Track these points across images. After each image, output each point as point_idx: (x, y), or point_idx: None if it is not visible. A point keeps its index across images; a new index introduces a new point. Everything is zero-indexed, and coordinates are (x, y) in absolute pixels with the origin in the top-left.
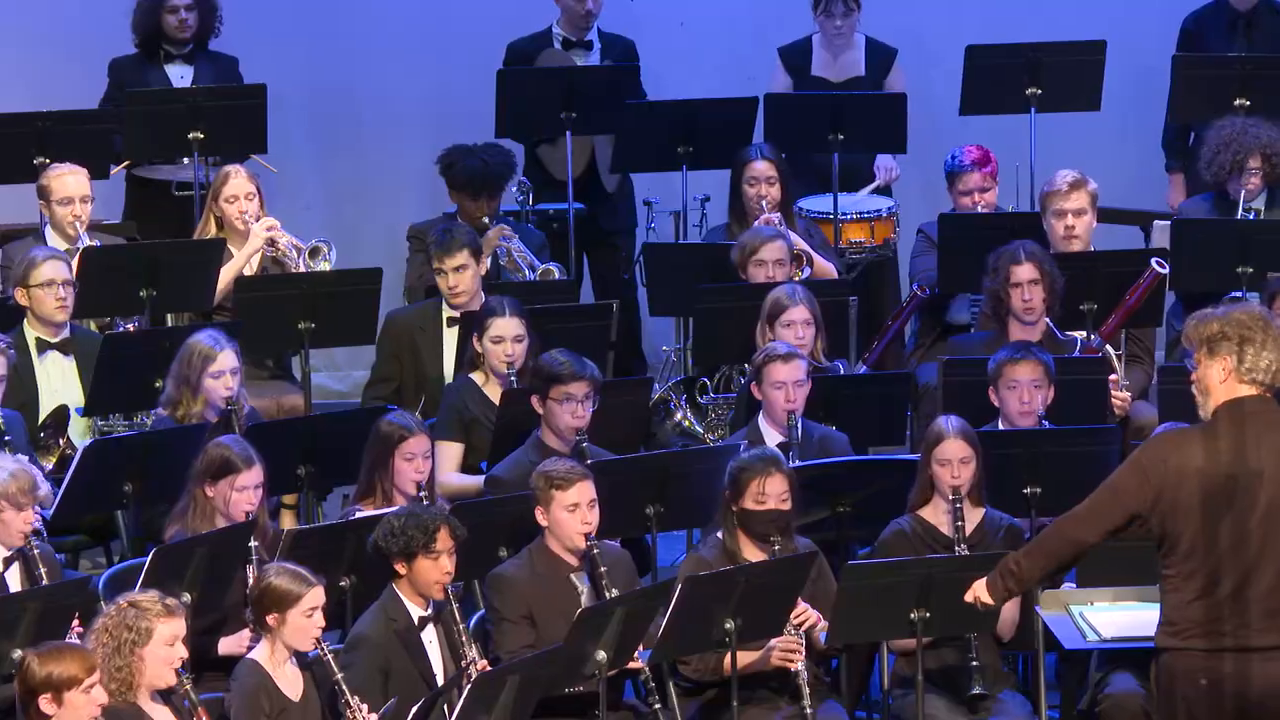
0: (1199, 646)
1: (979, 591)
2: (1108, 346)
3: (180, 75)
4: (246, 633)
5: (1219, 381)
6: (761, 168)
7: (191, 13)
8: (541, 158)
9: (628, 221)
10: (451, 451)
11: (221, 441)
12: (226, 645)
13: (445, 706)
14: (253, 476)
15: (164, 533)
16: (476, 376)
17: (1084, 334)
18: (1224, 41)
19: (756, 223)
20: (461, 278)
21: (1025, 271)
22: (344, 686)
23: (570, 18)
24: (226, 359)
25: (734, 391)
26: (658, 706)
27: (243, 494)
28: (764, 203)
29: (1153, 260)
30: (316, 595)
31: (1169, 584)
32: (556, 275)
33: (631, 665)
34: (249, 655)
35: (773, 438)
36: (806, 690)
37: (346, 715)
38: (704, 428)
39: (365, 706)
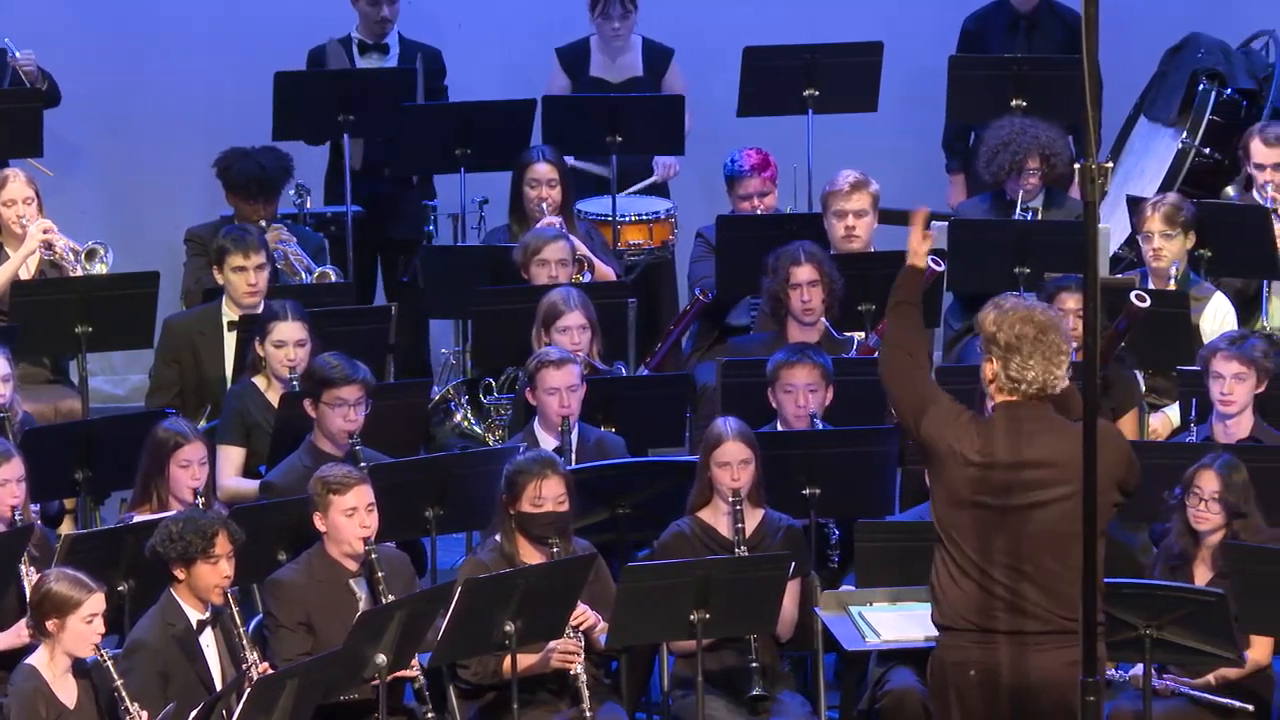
0: (974, 627)
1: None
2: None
3: None
4: (23, 623)
5: (988, 381)
6: (543, 170)
7: None
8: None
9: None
10: (233, 455)
11: None
12: (5, 640)
13: (224, 710)
14: (12, 470)
15: None
16: (259, 381)
17: (861, 334)
18: (1005, 42)
19: (538, 225)
20: (262, 275)
21: (804, 273)
22: (123, 692)
23: (366, 23)
24: None
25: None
26: (431, 716)
27: (4, 488)
28: (545, 205)
29: (930, 259)
30: (97, 601)
31: (944, 565)
32: (334, 278)
33: (409, 670)
34: (27, 661)
35: (548, 442)
36: (586, 692)
37: None
38: (485, 428)
39: (145, 713)
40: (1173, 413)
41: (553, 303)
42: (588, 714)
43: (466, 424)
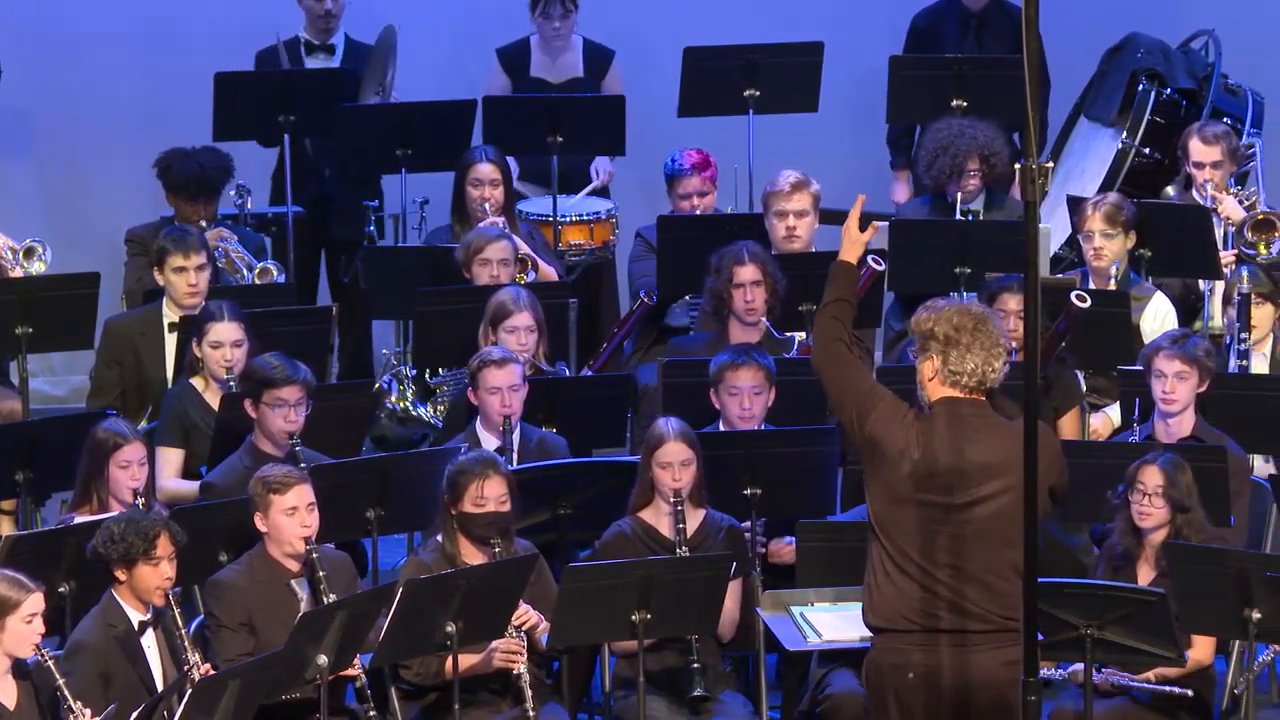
0: (916, 627)
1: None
2: None
3: None
4: None
5: (927, 379)
6: (485, 170)
7: None
8: None
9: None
10: (172, 457)
11: None
12: None
13: (166, 711)
14: None
15: None
16: (197, 382)
17: (802, 335)
18: (955, 40)
19: (480, 225)
20: (203, 276)
21: (748, 273)
22: (66, 693)
23: (311, 19)
24: None
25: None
26: (372, 716)
27: None
28: (487, 205)
29: (869, 258)
30: (36, 601)
31: (880, 565)
32: (275, 274)
33: (350, 670)
34: None
35: (490, 442)
36: (529, 692)
37: None
38: (430, 406)
39: (89, 711)
40: (1113, 412)
41: (501, 302)
42: (530, 713)
43: (403, 404)
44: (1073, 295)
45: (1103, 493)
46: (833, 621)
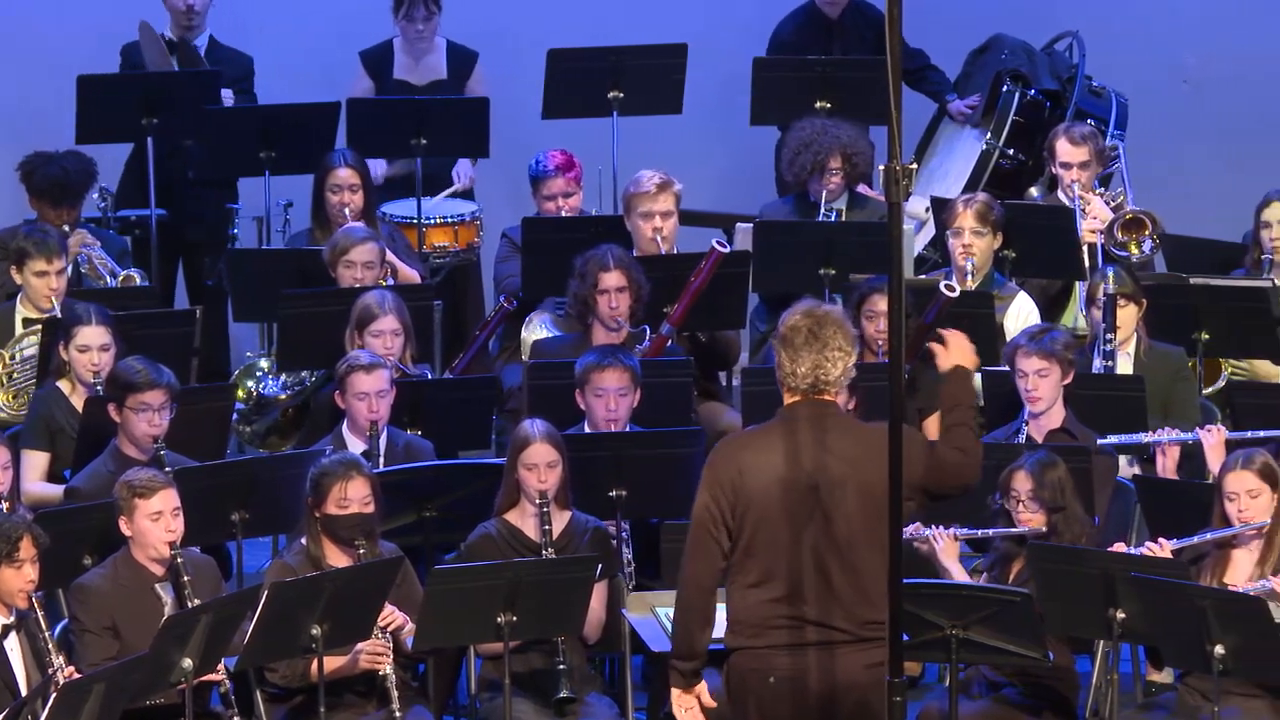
0: (781, 643)
1: None
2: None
3: None
4: None
5: (780, 382)
6: (344, 175)
7: None
8: None
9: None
10: (37, 460)
11: None
12: None
13: (30, 715)
14: None
15: None
16: (64, 385)
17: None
18: (819, 49)
19: (346, 226)
20: (63, 280)
21: (613, 279)
22: None
23: (174, 17)
24: None
25: None
26: (238, 718)
27: None
28: (346, 210)
29: (713, 240)
30: None
31: (738, 585)
32: (139, 281)
33: (215, 674)
34: None
35: (356, 446)
36: (395, 693)
37: None
38: (283, 387)
39: None
40: None
41: (367, 305)
42: (397, 715)
43: (251, 396)
44: (941, 284)
45: (979, 494)
46: None
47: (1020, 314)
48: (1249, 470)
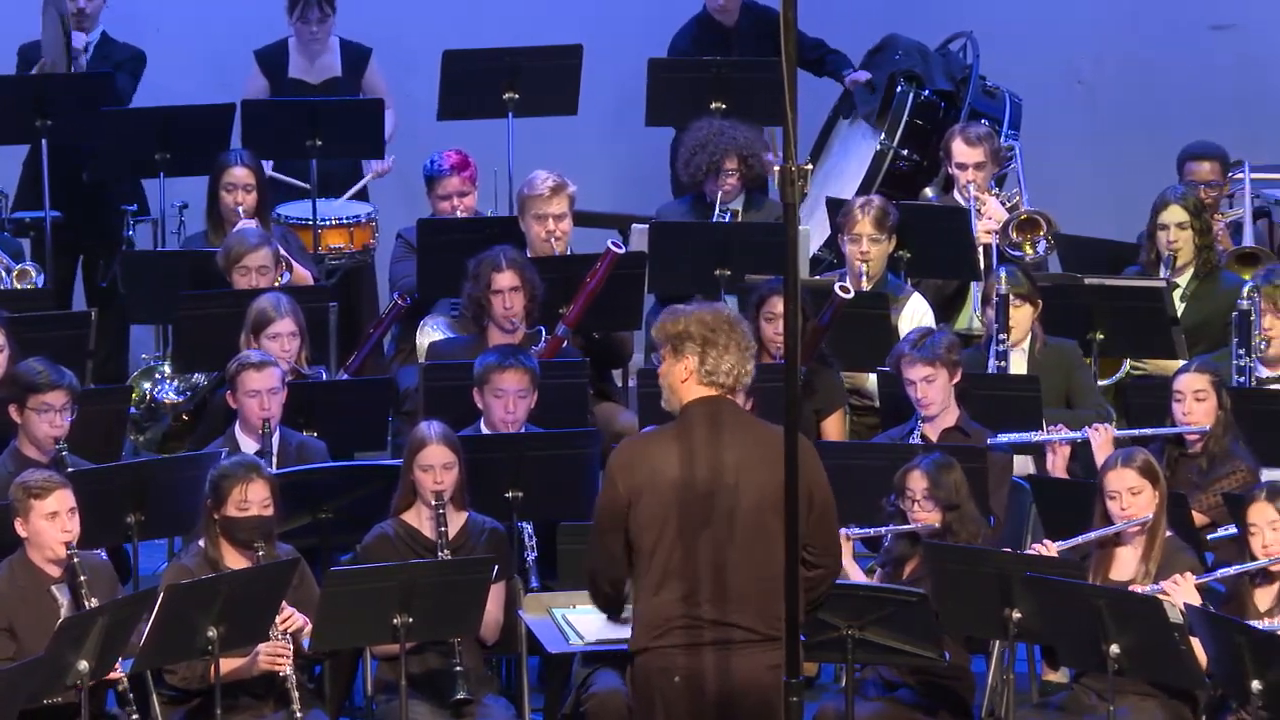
0: (679, 643)
1: None
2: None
3: None
4: None
5: (680, 381)
6: (239, 174)
7: None
8: None
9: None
10: None
11: None
12: None
13: None
14: None
15: None
16: None
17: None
18: (717, 54)
19: (239, 227)
20: None
21: (506, 279)
22: None
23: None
24: None
25: None
26: (135, 718)
27: None
28: (240, 210)
29: (609, 241)
30: None
31: (643, 586)
32: (34, 275)
33: (112, 675)
34: None
35: (249, 446)
36: (295, 694)
37: None
38: (176, 392)
39: None
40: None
41: (263, 309)
42: (298, 715)
43: (145, 399)
44: (836, 286)
45: (874, 495)
46: (594, 623)
47: (914, 316)
48: (1130, 468)
